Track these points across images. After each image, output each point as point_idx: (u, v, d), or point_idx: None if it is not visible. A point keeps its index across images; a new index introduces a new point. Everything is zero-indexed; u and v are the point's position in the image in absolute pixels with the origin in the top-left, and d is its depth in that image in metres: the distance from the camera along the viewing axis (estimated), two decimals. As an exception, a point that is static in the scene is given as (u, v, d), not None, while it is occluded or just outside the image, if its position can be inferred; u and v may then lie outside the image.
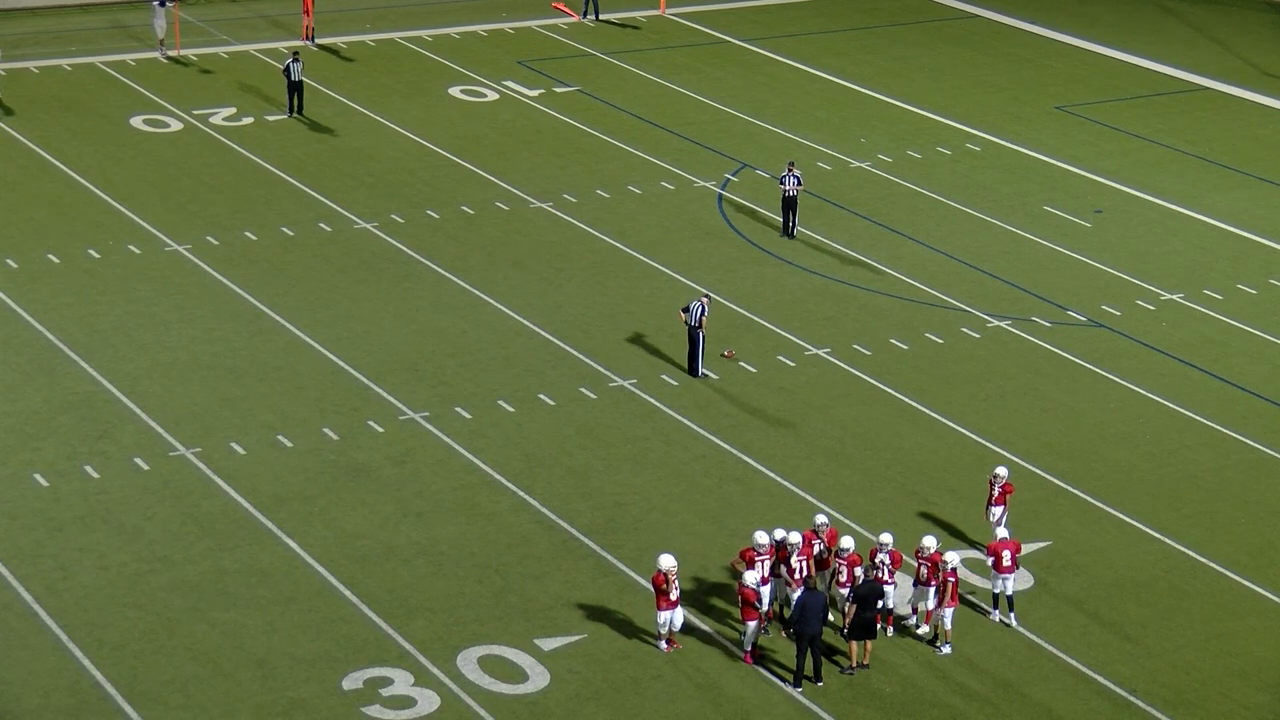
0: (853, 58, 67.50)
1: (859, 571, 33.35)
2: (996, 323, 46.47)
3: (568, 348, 44.48)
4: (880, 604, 32.83)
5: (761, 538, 33.22)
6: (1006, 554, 33.96)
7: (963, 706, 32.11)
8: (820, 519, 34.35)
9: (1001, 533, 34.49)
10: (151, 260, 48.65)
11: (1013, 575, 34.07)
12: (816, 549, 33.86)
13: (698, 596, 34.59)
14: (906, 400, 42.49)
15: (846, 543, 33.46)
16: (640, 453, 39.89)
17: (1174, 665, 33.37)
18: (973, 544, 36.37)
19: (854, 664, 32.75)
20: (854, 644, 32.75)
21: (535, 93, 62.46)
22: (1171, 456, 40.58)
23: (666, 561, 32.75)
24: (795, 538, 33.41)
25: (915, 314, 46.78)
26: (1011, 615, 34.16)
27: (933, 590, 33.36)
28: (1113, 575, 36.02)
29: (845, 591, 33.40)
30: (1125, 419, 42.06)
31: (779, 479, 38.97)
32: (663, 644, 33.06)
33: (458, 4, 72.70)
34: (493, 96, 62.14)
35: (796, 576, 33.25)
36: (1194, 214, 53.87)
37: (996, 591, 34.27)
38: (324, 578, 35.09)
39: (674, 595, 32.67)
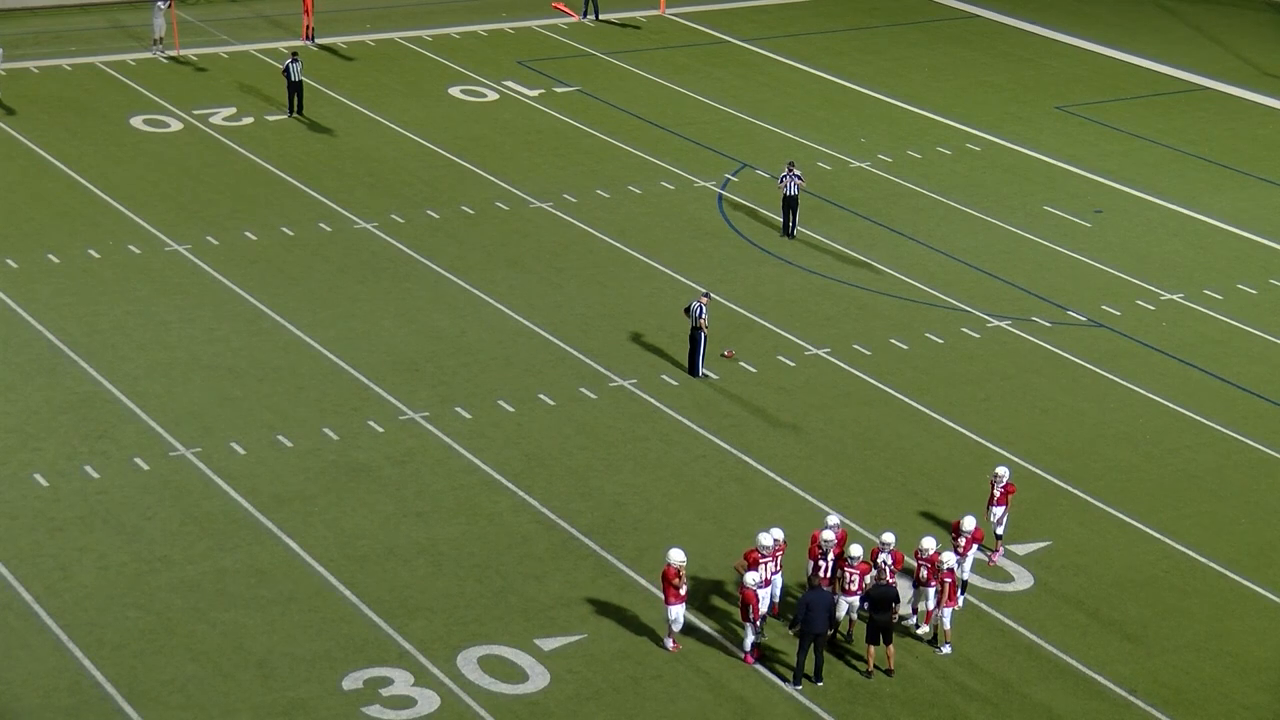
0: (853, 58, 67.49)
1: (869, 578, 33.25)
2: (996, 323, 46.47)
3: (568, 348, 44.47)
4: (894, 606, 32.69)
5: (765, 539, 33.20)
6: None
7: (963, 706, 32.11)
8: (833, 519, 34.24)
9: (971, 521, 34.53)
10: (151, 260, 48.64)
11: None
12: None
13: (698, 596, 34.57)
14: (906, 400, 42.48)
15: (855, 551, 33.35)
16: (640, 453, 39.89)
17: (1174, 665, 33.38)
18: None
19: (871, 668, 32.67)
20: (871, 648, 32.69)
21: (535, 93, 62.45)
22: (1171, 456, 40.58)
23: (677, 556, 32.71)
24: (829, 535, 33.24)
25: (915, 314, 46.78)
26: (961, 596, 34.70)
27: (932, 591, 33.38)
28: (1113, 575, 36.02)
29: (854, 600, 33.26)
30: (1125, 419, 42.06)
31: (779, 479, 38.96)
32: (669, 641, 33.03)
33: (458, 4, 72.70)
34: (493, 96, 62.13)
35: (823, 575, 33.12)
36: (1194, 214, 53.86)
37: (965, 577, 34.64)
38: (324, 578, 35.09)
39: (683, 590, 32.67)
